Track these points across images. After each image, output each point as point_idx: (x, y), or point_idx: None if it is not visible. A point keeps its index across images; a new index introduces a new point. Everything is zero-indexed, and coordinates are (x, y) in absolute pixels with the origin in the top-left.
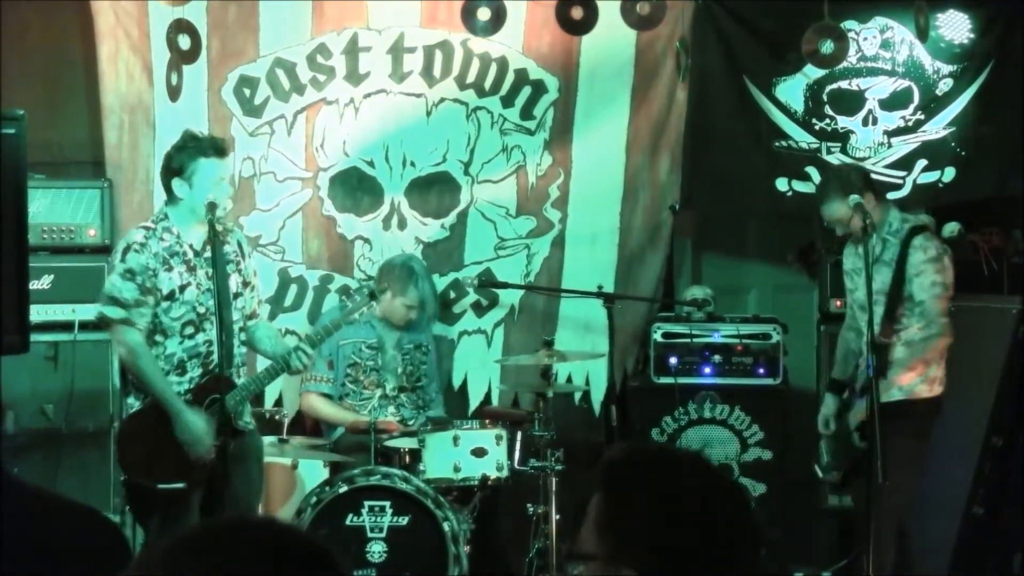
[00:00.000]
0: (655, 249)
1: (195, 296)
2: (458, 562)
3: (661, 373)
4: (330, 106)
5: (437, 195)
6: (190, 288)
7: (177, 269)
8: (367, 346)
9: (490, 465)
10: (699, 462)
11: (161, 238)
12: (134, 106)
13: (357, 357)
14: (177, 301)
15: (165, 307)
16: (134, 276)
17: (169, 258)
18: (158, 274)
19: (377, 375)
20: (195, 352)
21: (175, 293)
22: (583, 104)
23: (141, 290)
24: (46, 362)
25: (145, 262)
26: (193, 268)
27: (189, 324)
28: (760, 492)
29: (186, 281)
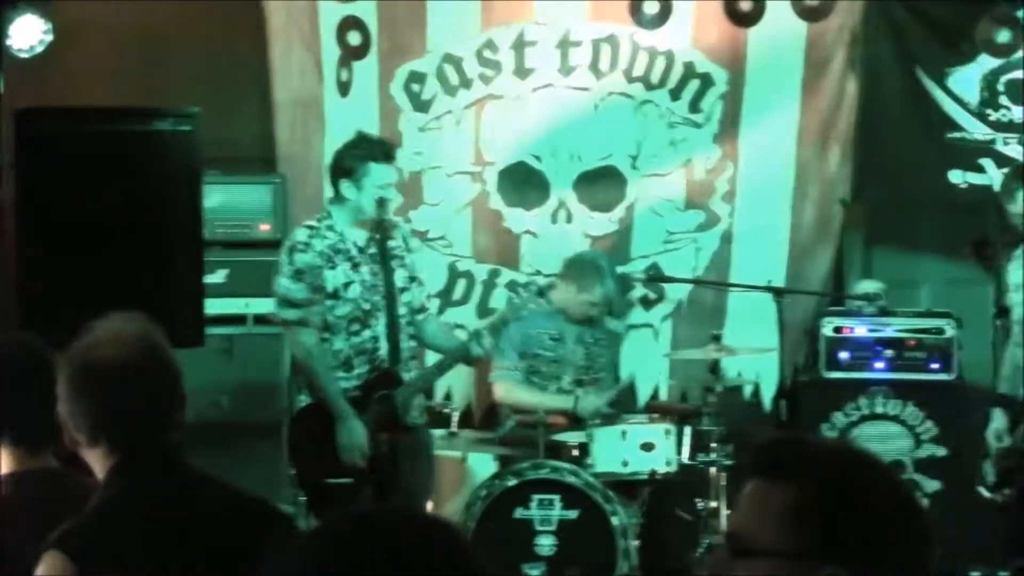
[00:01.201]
0: (825, 243)
1: (359, 293)
2: (627, 556)
3: (832, 368)
4: (498, 101)
5: (604, 189)
6: (354, 285)
7: (341, 267)
8: (550, 337)
9: (659, 460)
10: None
11: (325, 236)
12: (306, 102)
13: (539, 348)
14: (341, 299)
15: (330, 305)
16: (303, 276)
17: (333, 256)
18: (322, 272)
19: (556, 367)
20: (361, 348)
21: (339, 291)
22: (751, 97)
23: (311, 288)
24: (220, 355)
25: (311, 260)
26: (357, 265)
27: (355, 321)
28: (934, 489)
29: (350, 279)
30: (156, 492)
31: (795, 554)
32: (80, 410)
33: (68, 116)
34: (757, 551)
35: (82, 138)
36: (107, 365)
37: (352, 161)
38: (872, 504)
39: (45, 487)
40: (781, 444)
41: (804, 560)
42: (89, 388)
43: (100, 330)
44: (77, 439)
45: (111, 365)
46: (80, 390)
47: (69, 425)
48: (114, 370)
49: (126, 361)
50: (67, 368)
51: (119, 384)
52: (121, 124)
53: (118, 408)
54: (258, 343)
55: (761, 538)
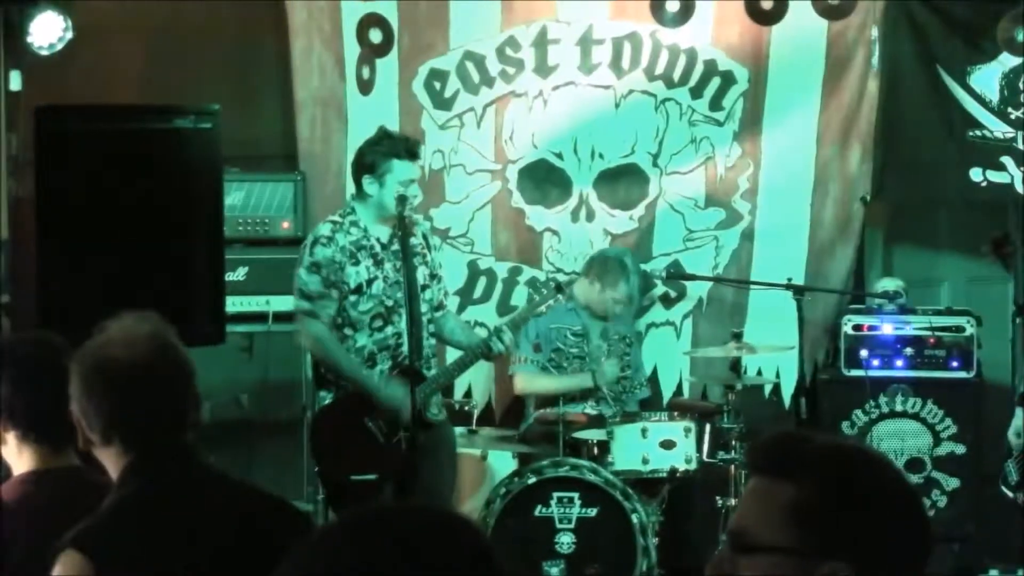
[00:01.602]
0: (846, 241)
1: (382, 289)
2: (646, 554)
3: (852, 366)
4: (519, 98)
5: (625, 187)
6: (377, 282)
7: (364, 263)
8: (572, 333)
9: (679, 457)
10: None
11: (348, 232)
12: (327, 100)
13: (561, 343)
14: (365, 295)
15: (353, 301)
16: (320, 269)
17: (356, 252)
18: (345, 268)
19: (581, 363)
20: (384, 345)
21: (362, 287)
22: (773, 95)
23: (325, 283)
24: (241, 353)
25: (331, 255)
26: (380, 262)
27: (377, 317)
28: (953, 487)
29: (373, 275)
30: (171, 491)
31: (796, 551)
32: (92, 409)
33: (88, 114)
34: (759, 548)
35: (102, 136)
36: (119, 364)
37: (375, 157)
38: (872, 500)
39: (68, 485)
40: (781, 442)
41: (805, 557)
42: (101, 387)
43: (112, 330)
44: (91, 438)
45: (123, 364)
46: (92, 389)
47: (82, 424)
48: (126, 369)
49: (138, 360)
50: (79, 367)
51: (131, 383)
52: (141, 122)
53: (130, 407)
54: (278, 341)
55: (762, 535)
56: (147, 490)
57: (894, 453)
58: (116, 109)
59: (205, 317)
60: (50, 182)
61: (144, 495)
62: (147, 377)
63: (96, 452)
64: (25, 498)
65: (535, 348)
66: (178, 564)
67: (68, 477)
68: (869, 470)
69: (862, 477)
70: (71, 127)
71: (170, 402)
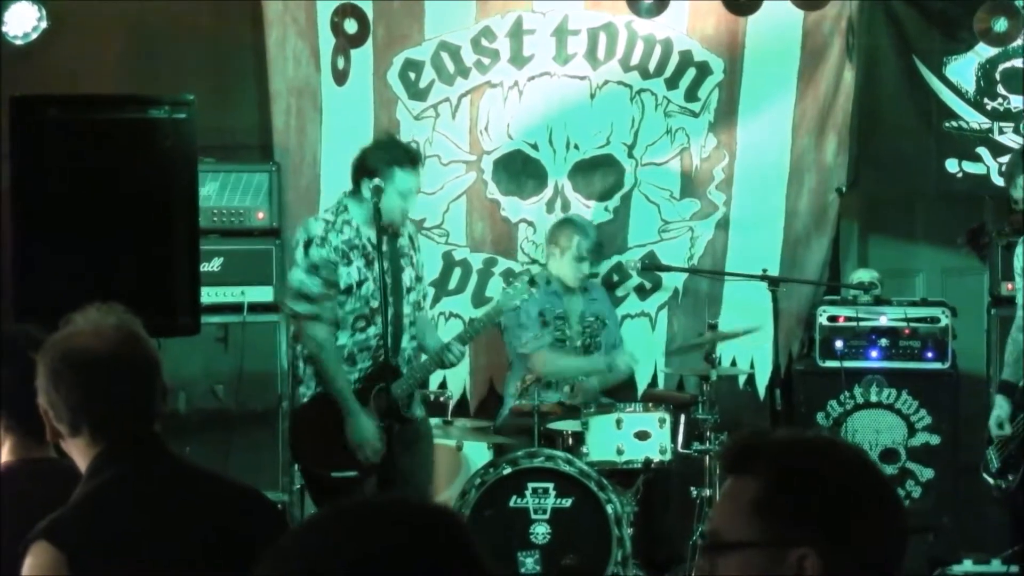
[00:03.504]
0: (821, 232)
1: (370, 291)
2: (621, 544)
3: (827, 357)
4: (494, 89)
5: (601, 177)
6: (367, 283)
7: (356, 264)
8: (556, 316)
9: (653, 448)
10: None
11: (340, 231)
12: (301, 91)
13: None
14: (353, 295)
15: (341, 300)
16: (318, 271)
17: (348, 252)
18: (338, 268)
19: (561, 346)
20: (365, 345)
21: (352, 288)
22: (748, 86)
23: (326, 284)
24: (216, 343)
25: (327, 256)
26: (371, 262)
27: (361, 318)
28: (928, 477)
29: (364, 276)
30: (141, 481)
31: (763, 543)
32: (60, 400)
33: (63, 104)
34: (729, 545)
35: (78, 126)
36: (86, 355)
37: (377, 163)
38: (830, 485)
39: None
40: (743, 441)
41: (772, 548)
42: (69, 378)
43: (79, 321)
44: (58, 430)
45: (90, 355)
46: (60, 380)
47: (50, 416)
48: (93, 360)
49: (105, 351)
50: (46, 359)
51: (99, 373)
52: (117, 112)
53: (98, 397)
54: (254, 332)
55: (732, 532)
56: (117, 480)
57: (869, 444)
58: (91, 99)
59: (180, 308)
60: (25, 173)
61: (114, 485)
62: (115, 367)
63: (64, 444)
64: (14, 489)
65: (542, 323)
66: (149, 554)
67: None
68: (826, 457)
69: (818, 464)
70: (46, 117)
71: (138, 392)
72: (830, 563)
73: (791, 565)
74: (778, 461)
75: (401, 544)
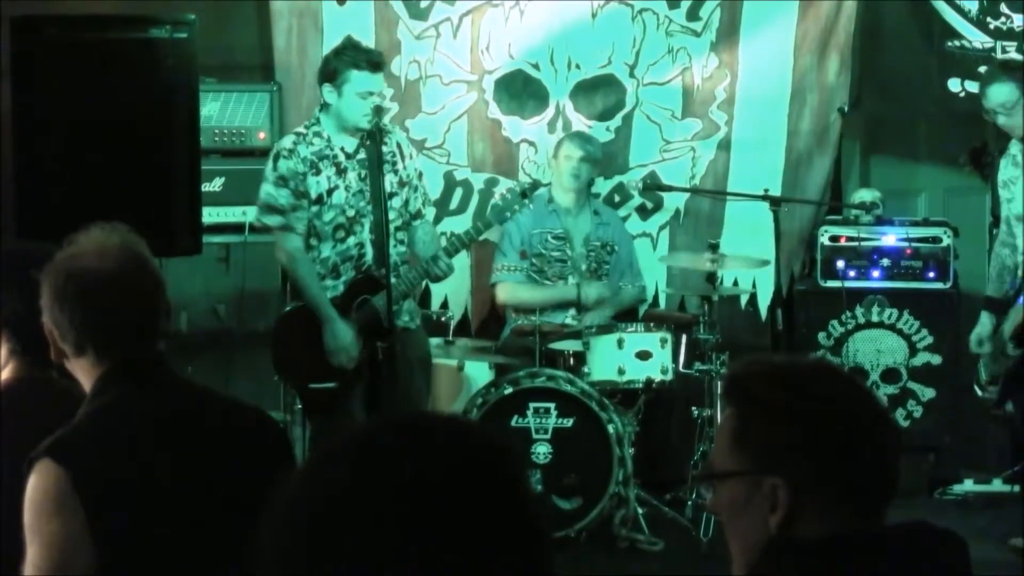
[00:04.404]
0: (823, 152)
1: (344, 199)
2: (622, 464)
3: (828, 277)
4: (496, 8)
5: (602, 97)
6: (338, 191)
7: (325, 173)
8: (553, 236)
9: (654, 368)
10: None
11: (311, 143)
12: (302, 10)
13: (543, 247)
14: (326, 205)
15: (316, 211)
16: (286, 182)
17: (318, 162)
18: (307, 178)
19: (562, 267)
20: (347, 255)
21: (323, 197)
22: (750, 5)
23: (295, 195)
24: (218, 263)
25: (294, 167)
26: (343, 171)
27: (339, 228)
28: (929, 397)
29: (334, 184)
30: (146, 400)
31: (742, 472)
32: (65, 320)
33: (63, 24)
34: (717, 476)
35: (78, 46)
36: (91, 274)
37: (336, 65)
38: (798, 419)
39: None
40: (733, 372)
41: (748, 477)
42: (74, 297)
43: (82, 241)
44: (63, 350)
45: (95, 274)
46: (64, 299)
47: (55, 335)
48: (98, 279)
49: (110, 270)
50: (51, 278)
51: (104, 292)
52: (117, 32)
53: (104, 316)
54: (255, 252)
55: (719, 463)
56: (121, 399)
57: (870, 364)
58: (91, 20)
59: (182, 228)
60: (25, 93)
61: (118, 404)
62: (120, 286)
63: (69, 364)
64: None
65: (521, 255)
66: (153, 472)
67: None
68: (800, 389)
69: (789, 397)
70: (46, 38)
71: (143, 311)
72: (801, 493)
73: (765, 495)
74: (751, 393)
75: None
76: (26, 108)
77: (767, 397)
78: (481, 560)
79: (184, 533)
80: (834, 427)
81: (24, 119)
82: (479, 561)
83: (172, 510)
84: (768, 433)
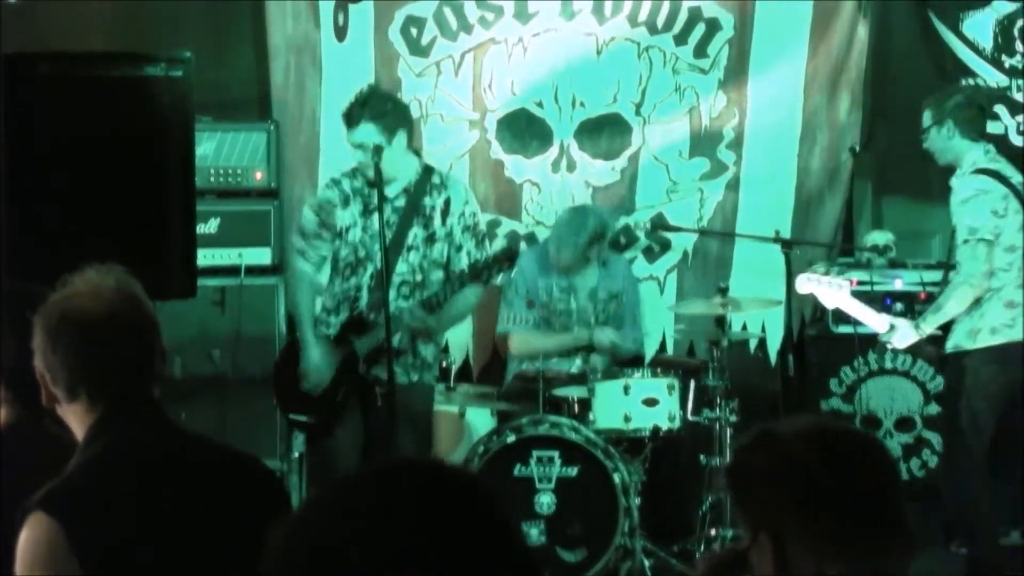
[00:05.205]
0: (834, 192)
1: (359, 238)
2: (628, 514)
3: (840, 321)
4: (498, 46)
5: (608, 137)
6: (354, 229)
7: (352, 209)
8: (559, 287)
9: (662, 415)
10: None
11: (355, 178)
12: (301, 47)
13: (548, 298)
14: (343, 241)
15: (337, 246)
16: (320, 210)
17: (352, 196)
18: (335, 211)
19: (567, 318)
20: (347, 295)
21: (343, 232)
22: (759, 42)
23: (321, 223)
24: (213, 307)
25: (330, 196)
26: (371, 212)
27: (348, 266)
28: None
29: (354, 221)
30: (140, 448)
31: (743, 525)
32: (58, 363)
33: (58, 61)
34: (738, 527)
35: (72, 84)
36: (86, 316)
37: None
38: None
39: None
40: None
41: (748, 530)
42: (68, 339)
43: (77, 282)
44: (55, 394)
45: (90, 316)
46: (58, 340)
47: (47, 379)
48: (93, 321)
49: (105, 312)
50: (44, 320)
51: (98, 335)
52: (112, 69)
53: (98, 359)
54: (251, 295)
55: (737, 517)
56: (115, 447)
57: (883, 411)
58: (86, 57)
59: (176, 270)
60: (18, 131)
61: (112, 453)
62: (114, 329)
63: (60, 410)
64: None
65: (528, 304)
66: (150, 523)
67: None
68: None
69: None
70: (40, 75)
71: (138, 355)
72: (778, 548)
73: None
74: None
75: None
76: (19, 146)
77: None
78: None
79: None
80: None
81: (16, 157)
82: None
83: (168, 563)
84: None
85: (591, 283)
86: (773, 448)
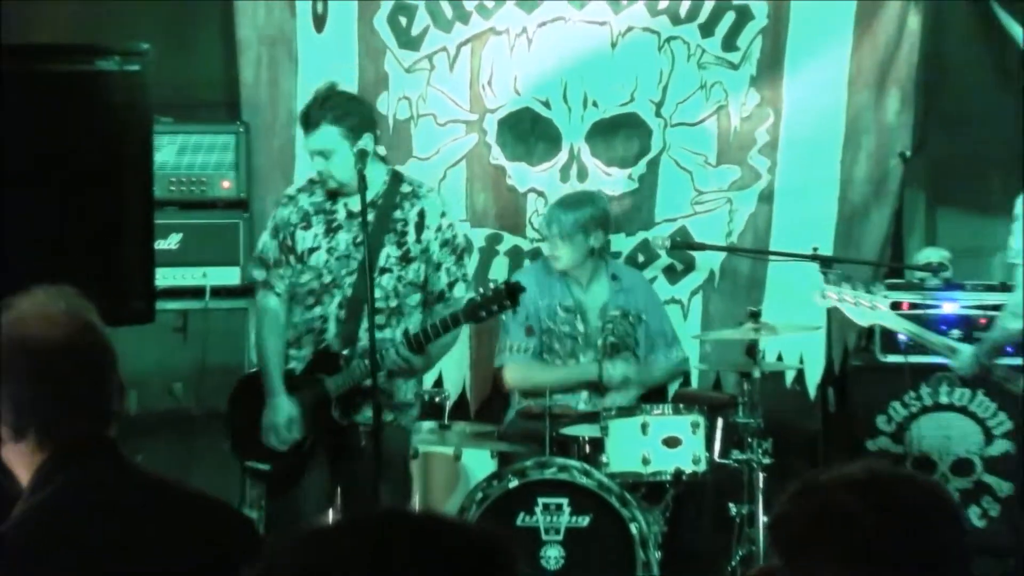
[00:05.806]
0: (881, 204)
1: (323, 262)
2: (647, 569)
3: (888, 350)
4: (499, 37)
5: (624, 140)
6: (319, 252)
7: (315, 229)
8: (563, 307)
9: (685, 457)
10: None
11: (313, 192)
12: (274, 39)
13: (551, 321)
14: (305, 265)
15: (298, 270)
16: (278, 233)
17: (312, 215)
18: (296, 232)
19: (573, 344)
20: (311, 326)
21: (304, 255)
22: (796, 33)
23: (281, 248)
24: (174, 333)
25: (287, 216)
26: (335, 230)
27: (311, 293)
28: (1007, 493)
29: (317, 244)
30: (94, 495)
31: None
32: (3, 398)
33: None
34: None
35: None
36: (34, 345)
37: None
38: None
39: None
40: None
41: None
42: (14, 372)
43: (24, 306)
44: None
45: (39, 345)
46: (4, 376)
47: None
48: (43, 351)
49: (56, 341)
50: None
51: (48, 367)
52: (60, 63)
53: (48, 394)
54: (217, 320)
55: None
56: (66, 493)
57: (938, 453)
58: (32, 49)
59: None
60: None
61: (62, 499)
62: (67, 360)
63: (3, 451)
64: None
65: (527, 331)
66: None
67: None
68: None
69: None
70: None
71: (92, 389)
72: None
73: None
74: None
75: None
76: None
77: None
78: None
79: None
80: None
81: None
82: None
83: None
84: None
85: (600, 300)
86: (819, 498)
